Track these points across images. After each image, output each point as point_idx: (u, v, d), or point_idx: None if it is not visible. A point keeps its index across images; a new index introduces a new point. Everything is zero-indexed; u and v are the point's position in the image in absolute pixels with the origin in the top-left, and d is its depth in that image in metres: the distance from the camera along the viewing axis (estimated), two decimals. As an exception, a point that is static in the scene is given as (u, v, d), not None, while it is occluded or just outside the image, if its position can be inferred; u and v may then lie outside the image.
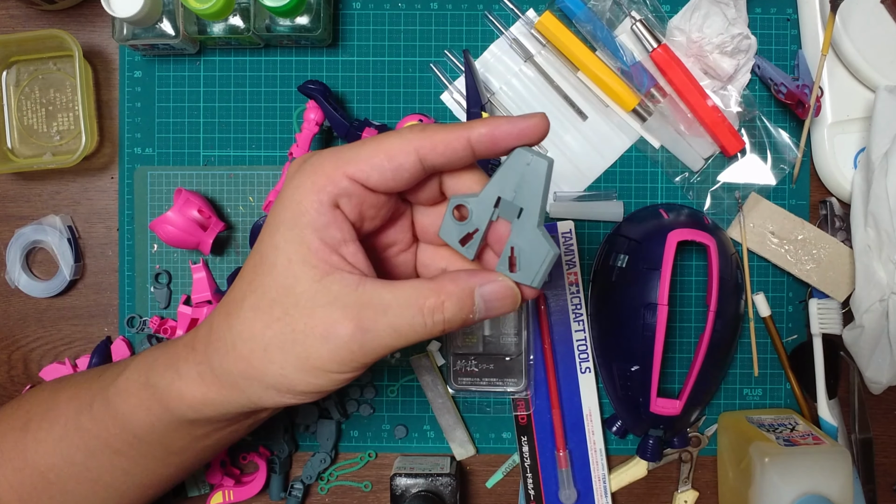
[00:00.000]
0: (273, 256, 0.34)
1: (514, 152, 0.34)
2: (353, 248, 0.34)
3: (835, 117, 0.60)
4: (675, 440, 0.60)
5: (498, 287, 0.34)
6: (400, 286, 0.33)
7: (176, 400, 0.39)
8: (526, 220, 0.34)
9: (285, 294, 0.33)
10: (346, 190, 0.33)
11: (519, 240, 0.34)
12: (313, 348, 0.33)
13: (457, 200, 0.36)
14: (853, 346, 0.58)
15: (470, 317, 0.34)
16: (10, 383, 0.64)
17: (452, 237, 0.36)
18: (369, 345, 0.33)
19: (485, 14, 0.62)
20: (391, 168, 0.33)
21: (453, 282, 0.34)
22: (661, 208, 0.60)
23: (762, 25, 0.62)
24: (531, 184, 0.34)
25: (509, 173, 0.34)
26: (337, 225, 0.33)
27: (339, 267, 0.33)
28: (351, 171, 0.33)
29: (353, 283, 0.33)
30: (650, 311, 0.55)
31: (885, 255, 0.55)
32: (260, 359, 0.34)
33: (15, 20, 0.63)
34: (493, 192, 0.35)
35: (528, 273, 0.34)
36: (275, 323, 0.34)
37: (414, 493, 0.57)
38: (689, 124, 0.61)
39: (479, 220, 0.35)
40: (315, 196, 0.33)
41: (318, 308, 0.33)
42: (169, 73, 0.63)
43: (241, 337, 0.35)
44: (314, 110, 0.58)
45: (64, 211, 0.63)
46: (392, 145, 0.33)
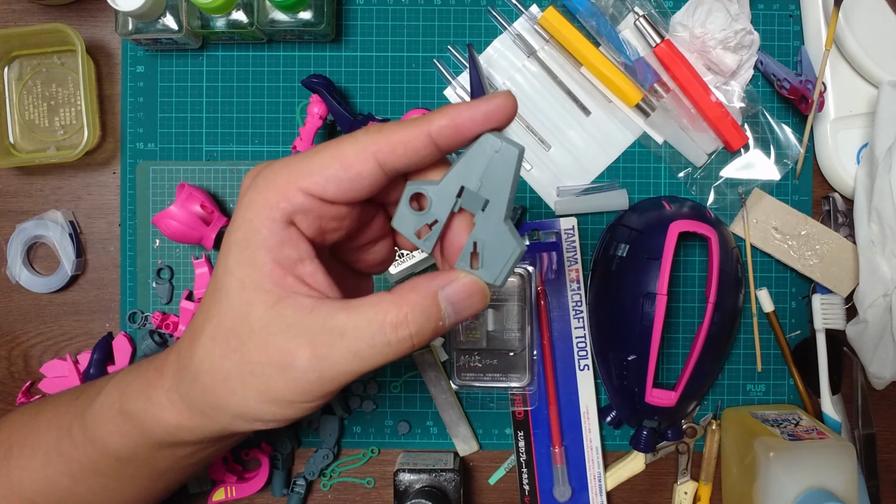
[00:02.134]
0: (226, 281, 0.31)
1: (482, 137, 0.31)
2: (311, 267, 0.32)
3: (838, 113, 0.60)
4: (668, 432, 0.60)
5: (461, 286, 0.31)
6: (357, 305, 0.31)
7: (151, 426, 0.37)
8: (491, 213, 0.31)
9: (240, 322, 0.31)
10: (300, 206, 0.31)
11: (483, 234, 0.31)
12: (271, 380, 0.31)
13: (414, 188, 0.32)
14: (856, 341, 0.58)
15: (440, 324, 0.31)
16: (11, 379, 0.63)
17: (408, 228, 0.33)
18: (328, 373, 0.30)
19: (488, 9, 0.62)
20: (348, 178, 0.30)
21: (413, 290, 0.31)
22: (663, 200, 0.60)
23: (765, 21, 0.62)
24: (499, 173, 0.30)
25: (475, 160, 0.31)
26: (292, 243, 0.31)
27: (293, 290, 0.31)
28: (305, 185, 0.30)
29: (308, 307, 0.31)
30: (649, 300, 0.55)
31: (888, 251, 0.55)
32: (222, 390, 0.33)
33: (17, 14, 0.63)
34: (456, 181, 0.31)
35: (491, 270, 0.32)
36: (232, 354, 0.32)
37: (417, 489, 0.57)
38: (693, 120, 0.61)
39: (439, 210, 0.32)
40: (267, 214, 0.30)
41: (272, 337, 0.31)
42: (172, 68, 0.62)
43: (202, 368, 0.33)
44: (318, 104, 0.58)
45: (65, 206, 0.63)
46: (347, 152, 0.30)
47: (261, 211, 0.31)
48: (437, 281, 0.31)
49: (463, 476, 0.59)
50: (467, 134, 0.30)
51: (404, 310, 0.30)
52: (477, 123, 0.30)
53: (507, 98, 0.30)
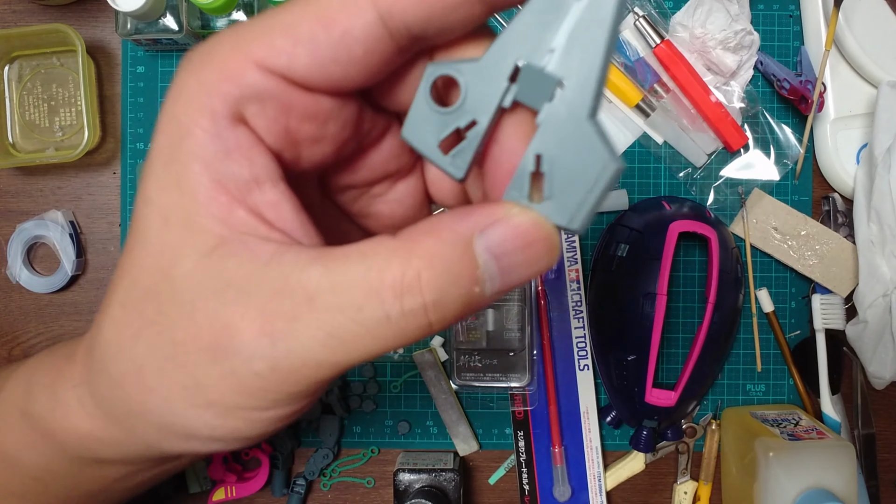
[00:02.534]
0: (145, 215, 0.20)
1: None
2: (274, 195, 0.20)
3: (837, 113, 0.60)
4: (668, 432, 0.60)
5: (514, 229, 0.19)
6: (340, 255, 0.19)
7: (60, 435, 0.26)
8: (568, 104, 0.18)
9: (160, 280, 0.20)
10: (254, 88, 0.19)
11: (552, 142, 0.19)
12: (201, 371, 0.19)
13: (439, 69, 0.19)
14: (856, 341, 0.58)
15: (475, 291, 0.18)
16: (11, 379, 0.64)
17: (427, 137, 0.20)
18: (286, 362, 0.19)
19: (488, 10, 0.62)
20: (331, 41, 0.18)
21: (431, 233, 0.18)
22: (663, 200, 0.60)
23: (765, 21, 0.62)
24: (585, 35, 0.18)
25: (542, 16, 0.18)
26: (242, 153, 0.19)
27: (243, 229, 0.19)
28: (261, 55, 0.19)
29: (263, 256, 0.19)
30: (649, 300, 0.55)
31: (888, 251, 0.55)
32: (135, 385, 0.21)
33: (17, 15, 0.63)
34: (509, 54, 0.19)
35: (564, 202, 0.18)
36: (146, 329, 0.20)
37: (417, 489, 0.57)
38: (693, 120, 0.61)
39: (479, 105, 0.19)
40: (203, 103, 0.19)
41: (203, 302, 0.19)
42: (172, 69, 0.62)
43: (109, 351, 0.21)
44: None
45: (66, 206, 0.63)
46: (329, 1, 0.19)
47: (193, 100, 0.19)
48: (472, 219, 0.19)
49: (463, 476, 0.59)
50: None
51: (415, 264, 0.18)
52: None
53: None
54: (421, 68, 0.21)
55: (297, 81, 0.19)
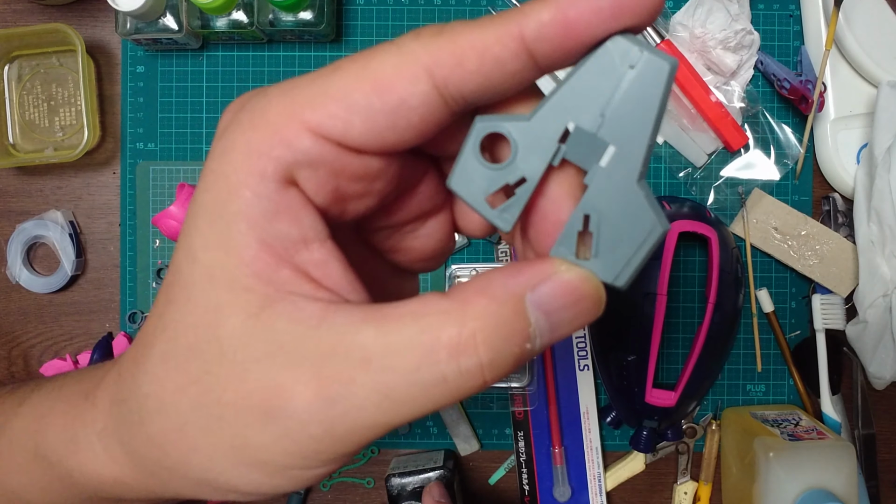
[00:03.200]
0: (188, 273, 0.20)
1: (606, 43, 0.19)
2: (321, 254, 0.20)
3: (838, 113, 0.60)
4: (668, 433, 0.60)
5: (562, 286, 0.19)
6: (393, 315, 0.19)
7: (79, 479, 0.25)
8: (617, 167, 0.19)
9: (206, 338, 0.20)
10: (307, 154, 0.19)
11: (601, 202, 0.19)
12: (252, 432, 0.19)
13: (489, 126, 0.20)
14: (856, 341, 0.58)
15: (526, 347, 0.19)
16: (11, 379, 0.63)
17: (475, 190, 0.20)
18: (341, 426, 0.19)
19: (488, 9, 0.62)
20: (386, 109, 0.19)
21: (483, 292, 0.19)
22: (663, 200, 0.60)
23: (765, 21, 0.62)
24: (635, 102, 0.19)
25: (593, 81, 0.19)
26: (291, 215, 0.19)
27: (291, 289, 0.19)
28: (315, 120, 0.19)
29: (314, 318, 0.19)
30: (649, 300, 0.55)
31: (888, 251, 0.55)
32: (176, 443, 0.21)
33: (17, 14, 0.63)
34: (559, 116, 0.19)
35: (610, 261, 0.20)
36: (191, 387, 0.20)
37: (410, 491, 0.57)
38: (693, 120, 0.61)
39: (529, 163, 0.20)
40: (253, 165, 0.19)
41: (253, 364, 0.19)
42: (172, 68, 0.62)
43: (148, 405, 0.21)
44: (318, 105, 0.58)
45: (65, 206, 0.63)
46: (385, 65, 0.19)
47: (242, 161, 0.19)
48: (523, 277, 0.19)
49: (455, 471, 0.59)
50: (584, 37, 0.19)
51: (470, 325, 0.18)
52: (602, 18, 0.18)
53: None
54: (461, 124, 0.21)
55: (349, 146, 0.19)
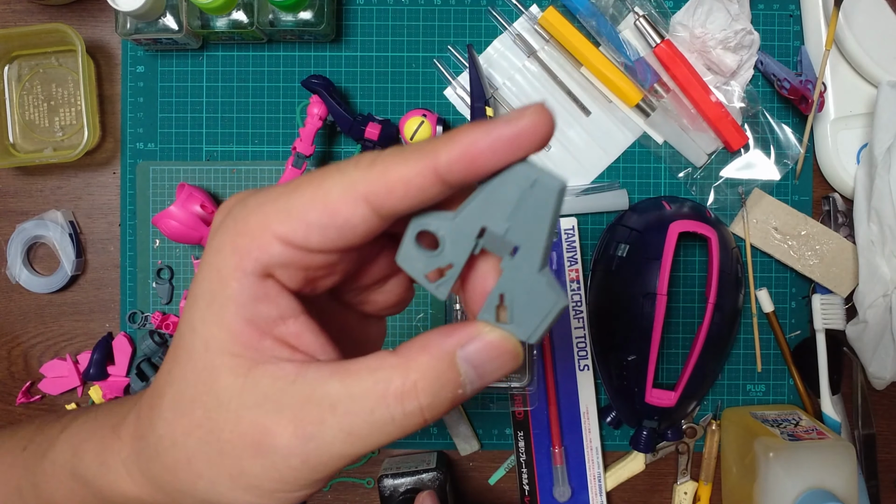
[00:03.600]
0: (189, 341, 0.26)
1: (511, 168, 0.24)
2: (297, 327, 0.26)
3: (838, 113, 0.60)
4: (668, 433, 0.60)
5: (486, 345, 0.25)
6: (354, 370, 0.24)
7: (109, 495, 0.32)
8: (523, 260, 0.24)
9: (206, 391, 0.26)
10: (279, 257, 0.24)
11: (512, 285, 0.25)
12: (245, 463, 0.25)
13: (421, 225, 0.25)
14: (856, 341, 0.58)
15: (458, 392, 0.24)
16: (11, 379, 0.63)
17: (416, 269, 0.26)
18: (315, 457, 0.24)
19: (488, 9, 0.62)
20: (335, 227, 0.24)
21: (424, 349, 0.24)
22: (663, 200, 0.60)
23: (765, 21, 0.62)
24: (533, 214, 0.24)
25: (501, 195, 0.24)
26: (270, 299, 0.25)
27: (272, 354, 0.25)
28: (282, 232, 0.24)
29: (290, 375, 0.25)
30: (649, 300, 0.55)
31: (888, 251, 0.55)
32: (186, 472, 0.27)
33: (17, 15, 0.63)
34: (477, 219, 0.24)
35: (524, 325, 0.25)
36: (196, 429, 0.26)
37: (402, 492, 0.57)
38: (693, 120, 0.61)
39: (455, 253, 0.25)
40: (237, 263, 0.25)
41: (244, 411, 0.25)
42: (172, 68, 0.62)
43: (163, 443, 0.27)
44: (318, 105, 0.58)
45: (65, 206, 0.63)
46: (331, 193, 0.24)
47: (229, 259, 0.25)
48: (455, 338, 0.25)
49: (448, 473, 0.59)
50: (486, 168, 0.23)
51: (412, 377, 0.24)
52: (498, 155, 0.23)
53: (539, 115, 0.23)
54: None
55: (311, 250, 0.25)
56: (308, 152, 0.58)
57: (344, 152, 0.63)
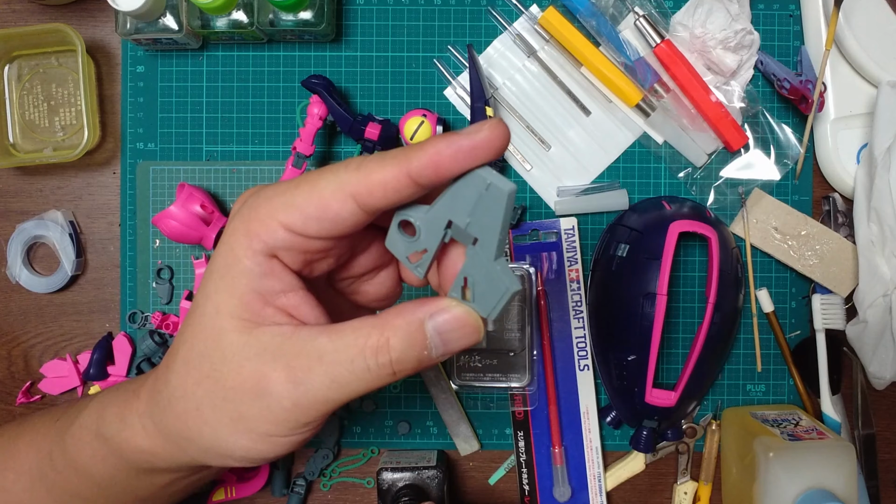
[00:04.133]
0: (202, 306, 0.31)
1: (470, 173, 0.28)
2: (296, 299, 0.30)
3: (838, 113, 0.60)
4: (668, 433, 0.60)
5: (451, 317, 0.29)
6: (340, 328, 0.29)
7: (126, 450, 0.36)
8: (482, 250, 0.29)
9: (213, 347, 0.30)
10: (283, 241, 0.29)
11: (473, 270, 0.29)
12: (245, 407, 0.30)
13: (402, 216, 0.31)
14: (856, 341, 0.58)
15: (424, 353, 0.29)
16: (11, 379, 0.63)
17: (400, 251, 0.31)
18: (304, 400, 0.29)
19: (488, 9, 0.62)
20: (328, 219, 0.29)
21: (399, 314, 0.29)
22: (663, 200, 0.60)
23: (765, 21, 0.62)
24: (488, 212, 0.28)
25: (463, 195, 0.29)
26: (275, 275, 0.30)
27: (273, 320, 0.30)
28: (285, 221, 0.29)
29: (287, 332, 0.29)
30: (649, 300, 0.55)
31: (888, 251, 0.55)
32: (194, 419, 0.31)
33: (17, 14, 0.63)
34: (444, 214, 0.30)
35: (484, 304, 0.29)
36: (204, 380, 0.30)
37: (400, 487, 0.57)
38: (693, 120, 0.61)
39: (429, 239, 0.30)
40: (249, 244, 0.30)
41: (246, 361, 0.29)
42: (172, 68, 0.62)
43: (175, 394, 0.32)
44: (318, 105, 0.58)
45: (65, 206, 0.63)
46: (324, 191, 0.29)
47: (243, 240, 0.30)
48: (426, 308, 0.29)
49: (446, 472, 0.59)
50: (450, 173, 0.28)
51: (386, 334, 0.29)
52: (459, 162, 0.28)
53: (494, 129, 0.27)
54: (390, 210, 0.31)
55: (309, 236, 0.30)
56: (308, 152, 0.58)
57: (344, 152, 0.63)
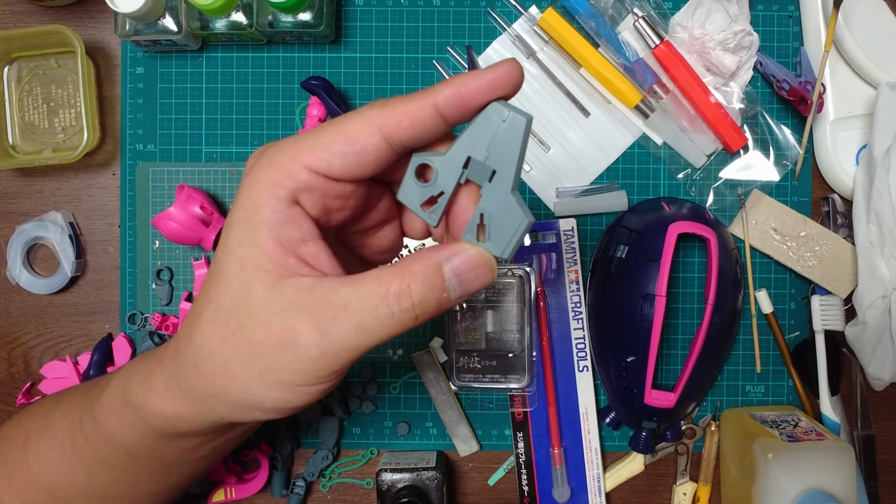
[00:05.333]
0: (226, 262, 0.31)
1: (488, 107, 0.30)
2: (315, 248, 0.31)
3: (837, 114, 0.60)
4: (668, 434, 0.60)
5: (467, 258, 0.30)
6: (361, 278, 0.30)
7: (152, 416, 0.37)
8: (498, 183, 0.30)
9: (240, 304, 0.31)
10: (305, 183, 0.30)
11: (490, 205, 0.31)
12: (273, 360, 0.30)
13: (420, 159, 0.32)
14: (856, 342, 0.58)
15: (444, 296, 0.30)
16: (11, 380, 0.64)
17: (413, 200, 0.32)
18: (331, 348, 0.30)
19: (487, 10, 0.62)
20: (353, 153, 0.30)
21: (417, 260, 0.30)
22: (663, 201, 0.60)
23: (764, 22, 0.62)
24: (506, 143, 0.30)
25: (481, 130, 0.30)
26: (295, 223, 0.30)
27: (295, 270, 0.30)
28: (309, 162, 0.30)
29: (310, 285, 0.30)
30: (648, 302, 0.55)
31: (887, 252, 0.55)
32: (221, 375, 0.32)
33: (17, 16, 0.63)
34: (463, 152, 0.31)
35: (498, 242, 0.31)
36: (231, 336, 0.31)
37: (400, 488, 0.57)
38: (692, 121, 0.61)
39: (445, 182, 0.31)
40: (270, 192, 0.30)
41: (272, 316, 0.30)
42: (171, 70, 0.62)
43: (201, 353, 0.32)
44: (317, 106, 0.58)
45: (65, 207, 0.63)
46: (352, 126, 0.30)
47: (264, 189, 0.30)
48: (442, 252, 0.31)
49: (446, 474, 0.59)
50: (473, 104, 0.30)
51: (407, 280, 0.30)
52: (482, 92, 0.29)
53: (511, 65, 0.30)
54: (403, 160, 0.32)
55: (332, 177, 0.30)
56: (307, 154, 0.58)
57: (343, 153, 0.63)
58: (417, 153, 0.32)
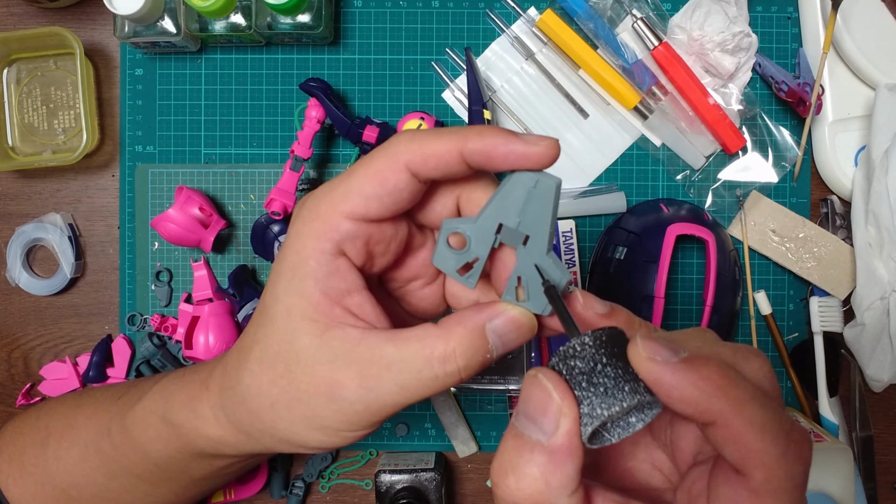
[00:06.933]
0: (273, 308, 0.32)
1: (516, 174, 0.30)
2: (360, 299, 0.32)
3: (836, 115, 0.60)
4: None
5: (508, 319, 0.31)
6: (404, 337, 0.31)
7: (194, 437, 0.38)
8: (533, 247, 0.30)
9: (287, 349, 0.32)
10: (348, 233, 0.31)
11: (526, 268, 0.31)
12: (319, 408, 0.32)
13: (450, 227, 0.32)
14: (854, 343, 0.58)
15: (487, 357, 0.31)
16: (11, 381, 0.64)
17: (449, 266, 0.32)
18: (375, 405, 0.31)
19: (486, 12, 0.62)
20: (387, 192, 0.31)
21: (460, 323, 0.31)
22: (661, 203, 0.60)
23: (763, 24, 0.62)
24: (538, 207, 0.30)
25: (511, 196, 0.30)
26: (340, 275, 0.31)
27: (341, 321, 0.31)
28: (348, 209, 0.31)
29: (356, 339, 0.31)
30: (647, 303, 0.55)
31: (885, 253, 0.55)
32: (268, 414, 0.33)
33: (16, 18, 0.63)
34: (494, 218, 0.31)
35: (537, 302, 0.31)
36: (279, 379, 0.32)
37: (398, 489, 0.58)
38: (691, 122, 0.61)
39: (479, 248, 0.31)
40: (315, 245, 0.31)
41: (319, 366, 0.31)
42: (170, 71, 0.63)
43: (250, 391, 0.33)
44: (316, 108, 0.58)
45: (65, 209, 0.63)
46: (380, 167, 0.31)
47: (308, 242, 0.31)
48: (485, 314, 0.31)
49: (444, 475, 0.59)
50: (499, 167, 0.30)
51: (452, 344, 0.30)
52: (510, 162, 0.30)
53: (550, 148, 0.29)
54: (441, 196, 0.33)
55: (371, 219, 0.31)
56: (306, 155, 0.58)
57: (342, 155, 0.63)
58: (447, 220, 0.32)
